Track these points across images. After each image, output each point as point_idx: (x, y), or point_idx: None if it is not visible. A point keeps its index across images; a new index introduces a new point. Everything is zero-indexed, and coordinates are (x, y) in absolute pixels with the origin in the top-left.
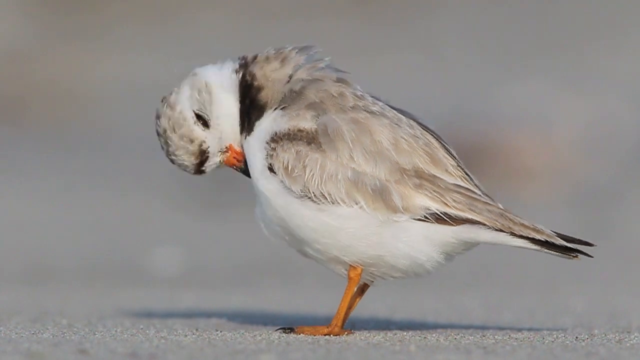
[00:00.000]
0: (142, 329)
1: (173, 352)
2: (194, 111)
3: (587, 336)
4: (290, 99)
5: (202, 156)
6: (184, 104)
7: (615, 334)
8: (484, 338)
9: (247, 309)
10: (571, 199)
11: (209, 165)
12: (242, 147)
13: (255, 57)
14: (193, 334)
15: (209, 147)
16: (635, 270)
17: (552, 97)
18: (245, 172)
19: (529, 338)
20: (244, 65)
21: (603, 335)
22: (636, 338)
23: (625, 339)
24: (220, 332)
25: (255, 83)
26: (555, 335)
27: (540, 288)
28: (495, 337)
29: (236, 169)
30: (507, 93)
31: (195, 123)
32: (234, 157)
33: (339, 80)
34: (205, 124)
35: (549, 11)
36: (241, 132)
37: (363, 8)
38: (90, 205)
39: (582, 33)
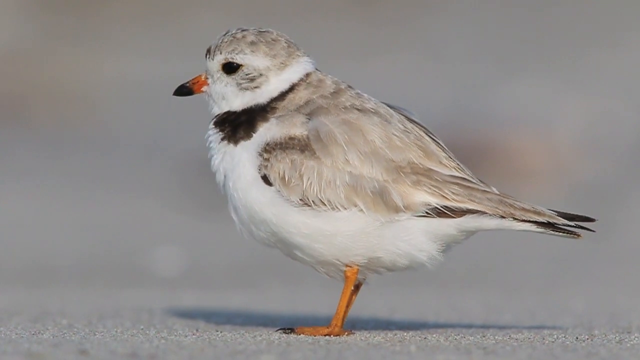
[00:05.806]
0: (142, 329)
1: (173, 353)
2: None
3: (587, 336)
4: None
5: None
6: None
7: (615, 334)
8: (484, 338)
9: (247, 309)
10: (571, 199)
11: None
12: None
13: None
14: (193, 334)
15: None
16: (636, 270)
17: (552, 97)
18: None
19: (529, 338)
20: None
21: (603, 335)
22: (636, 338)
23: (626, 339)
24: (221, 332)
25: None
26: (555, 336)
27: (540, 288)
28: (496, 337)
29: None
30: (507, 93)
31: None
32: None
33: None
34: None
35: (549, 11)
36: (225, 139)
37: (362, 8)
38: (90, 205)
39: (582, 33)
